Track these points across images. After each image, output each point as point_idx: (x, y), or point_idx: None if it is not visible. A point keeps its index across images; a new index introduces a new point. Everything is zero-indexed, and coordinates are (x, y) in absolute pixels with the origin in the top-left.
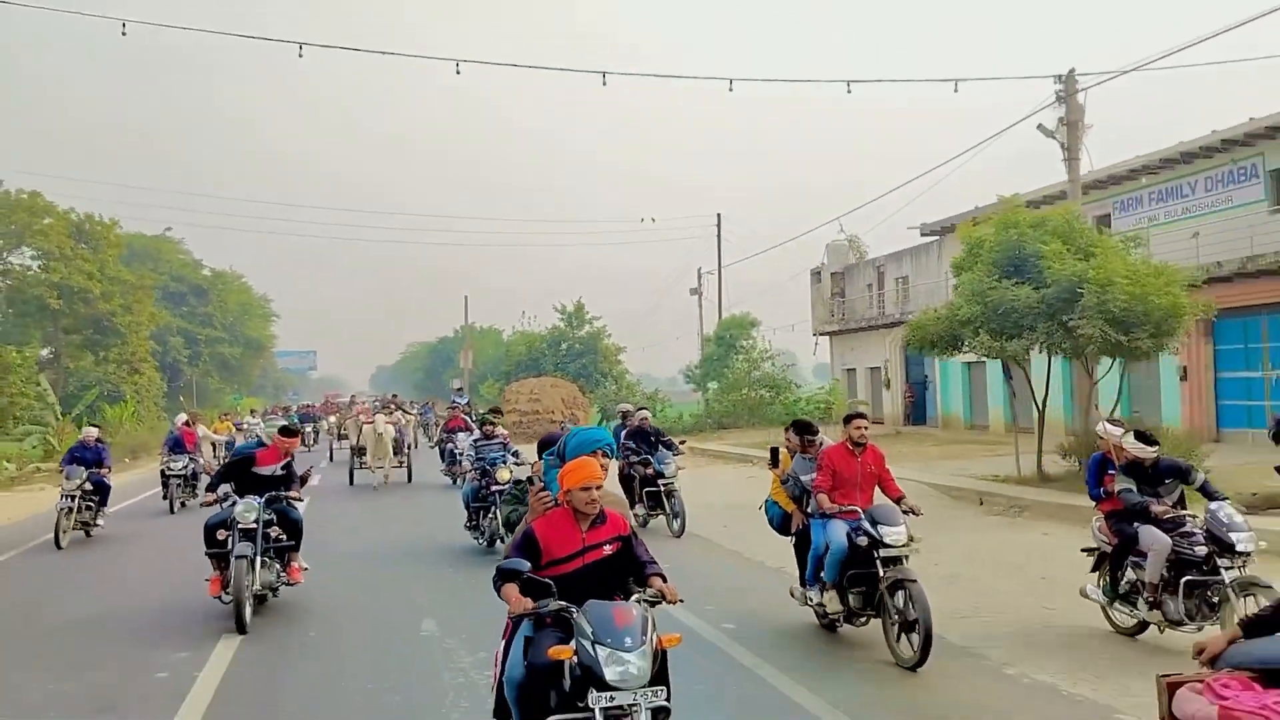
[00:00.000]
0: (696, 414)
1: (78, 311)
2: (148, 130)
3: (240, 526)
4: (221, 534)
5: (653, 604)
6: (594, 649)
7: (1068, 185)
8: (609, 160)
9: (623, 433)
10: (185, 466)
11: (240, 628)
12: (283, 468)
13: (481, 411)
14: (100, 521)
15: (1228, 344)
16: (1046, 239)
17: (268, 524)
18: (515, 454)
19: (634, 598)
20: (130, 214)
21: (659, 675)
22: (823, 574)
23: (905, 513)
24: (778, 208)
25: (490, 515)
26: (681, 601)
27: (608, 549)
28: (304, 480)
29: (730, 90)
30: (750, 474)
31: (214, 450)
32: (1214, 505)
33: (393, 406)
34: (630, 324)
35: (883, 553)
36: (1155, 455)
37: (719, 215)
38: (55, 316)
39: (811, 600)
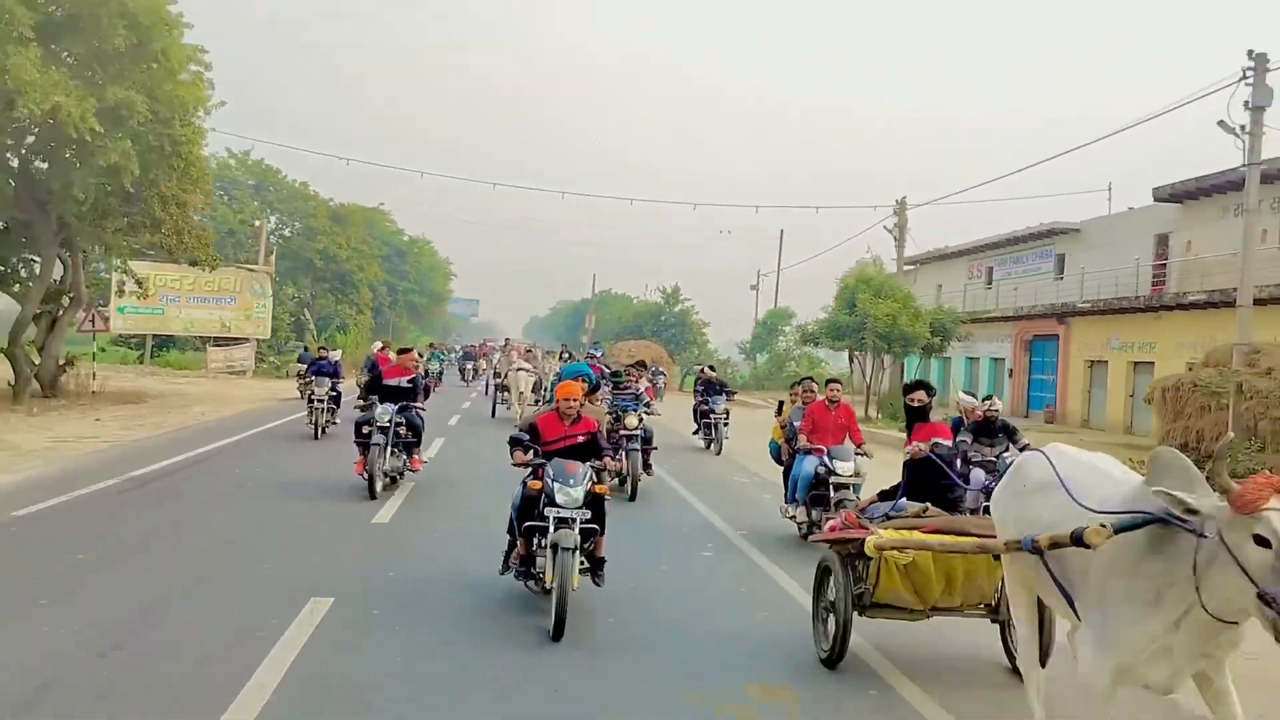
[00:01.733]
0: (744, 377)
1: (330, 269)
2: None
3: (378, 424)
4: (365, 429)
5: (598, 470)
6: (552, 484)
7: (896, 261)
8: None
9: (696, 382)
10: None
11: (371, 494)
12: (409, 382)
13: (624, 365)
14: (337, 420)
15: (1037, 356)
16: (865, 290)
17: (398, 425)
18: (647, 404)
19: (586, 464)
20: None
21: (593, 507)
22: (797, 494)
23: (860, 454)
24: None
25: (617, 455)
26: (618, 470)
27: (580, 438)
28: (428, 393)
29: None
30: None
31: None
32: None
33: (566, 354)
34: (713, 305)
35: (833, 479)
36: (996, 414)
37: (781, 231)
38: (313, 270)
39: (788, 513)
